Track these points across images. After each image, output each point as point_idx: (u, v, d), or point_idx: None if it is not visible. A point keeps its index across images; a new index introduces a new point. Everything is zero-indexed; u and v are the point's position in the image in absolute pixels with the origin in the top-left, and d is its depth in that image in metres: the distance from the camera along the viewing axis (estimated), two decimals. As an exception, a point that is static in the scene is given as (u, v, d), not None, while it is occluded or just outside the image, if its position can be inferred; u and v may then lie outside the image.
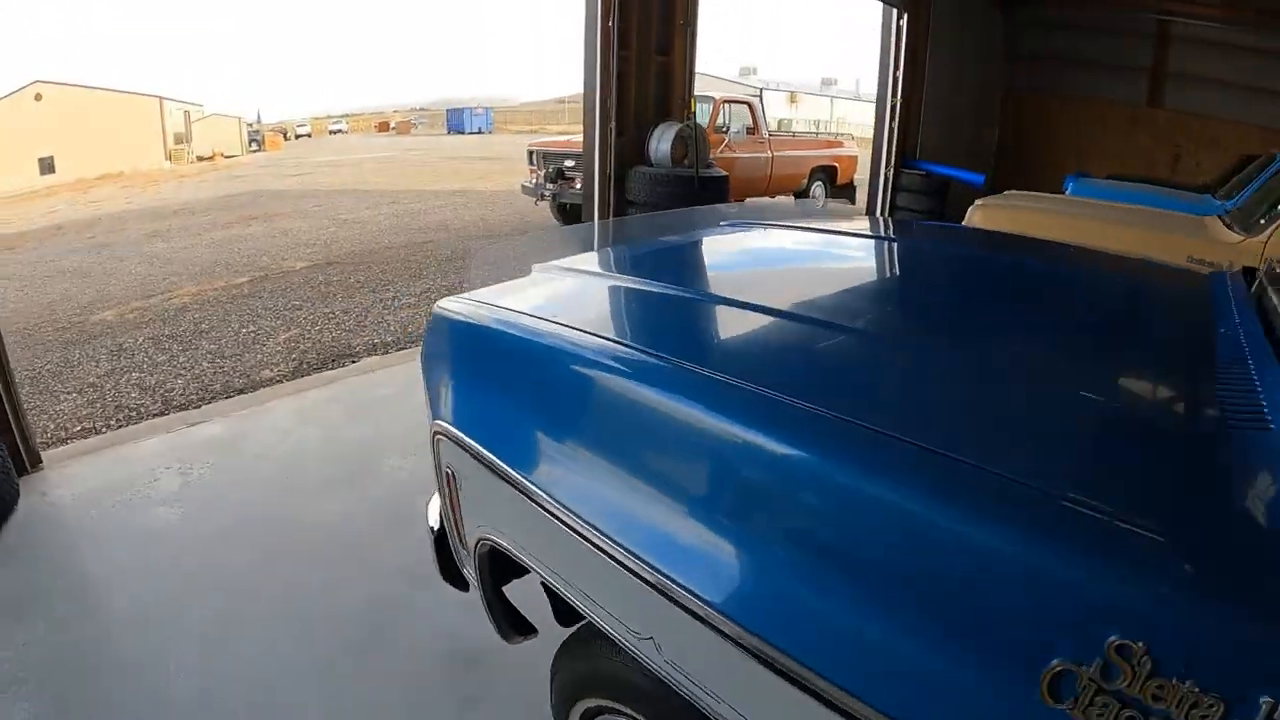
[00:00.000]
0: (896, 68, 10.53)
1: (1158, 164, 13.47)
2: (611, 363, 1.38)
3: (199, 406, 4.70)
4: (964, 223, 5.82)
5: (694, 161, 6.73)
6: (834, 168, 14.31)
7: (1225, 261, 4.81)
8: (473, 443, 1.58)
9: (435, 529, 1.94)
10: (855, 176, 14.72)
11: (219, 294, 7.78)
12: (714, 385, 1.21)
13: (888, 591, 0.94)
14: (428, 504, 2.03)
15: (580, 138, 11.01)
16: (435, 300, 1.85)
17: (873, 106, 11.33)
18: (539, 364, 1.52)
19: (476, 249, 9.02)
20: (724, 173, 7.20)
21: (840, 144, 14.95)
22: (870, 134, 12.39)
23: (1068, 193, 9.19)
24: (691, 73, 7.17)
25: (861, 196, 13.76)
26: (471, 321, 1.71)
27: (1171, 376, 1.42)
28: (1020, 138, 14.79)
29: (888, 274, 2.34)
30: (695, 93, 7.56)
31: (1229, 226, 5.52)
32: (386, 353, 5.71)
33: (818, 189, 14.04)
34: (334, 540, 3.11)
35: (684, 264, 2.44)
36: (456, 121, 48.10)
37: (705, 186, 6.61)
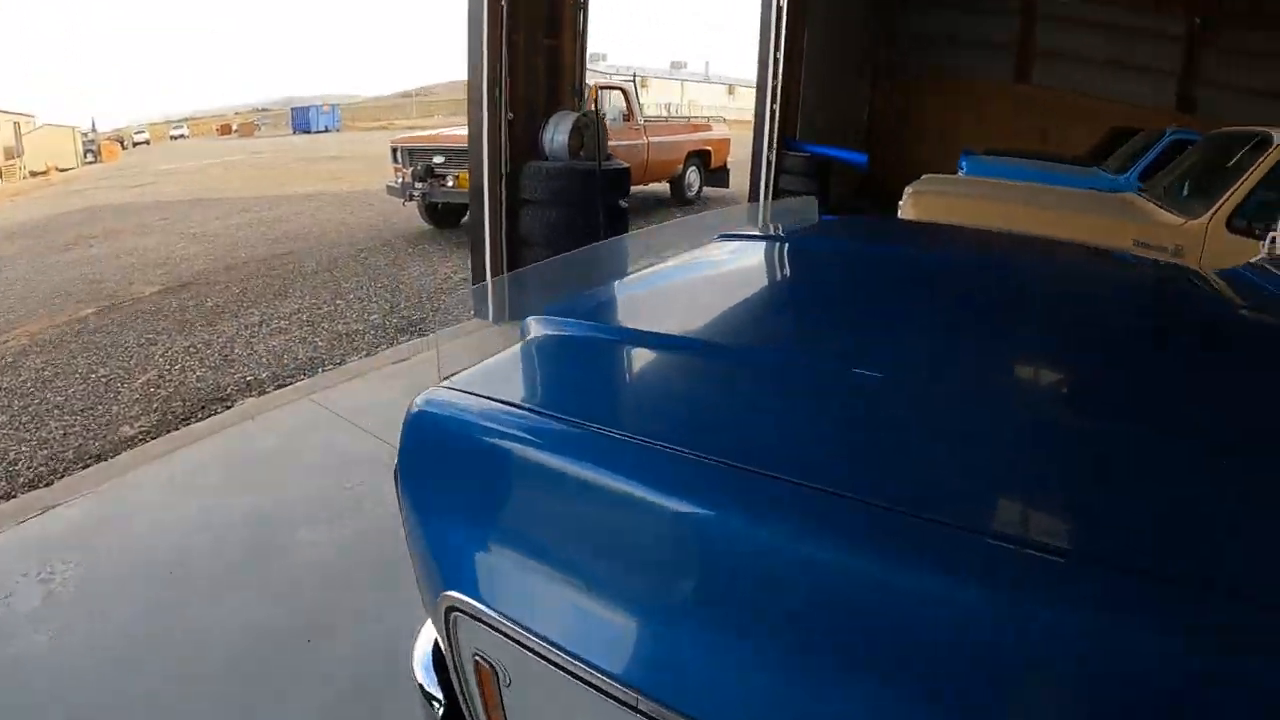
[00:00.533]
0: (777, 49, 10.28)
1: (1027, 139, 13.76)
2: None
3: (50, 483, 3.84)
4: (900, 212, 5.58)
5: (594, 153, 6.12)
6: (708, 152, 14.01)
7: (1170, 245, 5.02)
8: (531, 635, 0.99)
9: (442, 710, 1.29)
10: (728, 159, 14.49)
11: (62, 331, 6.67)
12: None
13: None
14: (413, 645, 1.39)
15: (451, 131, 10.44)
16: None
17: (722, 89, 11.24)
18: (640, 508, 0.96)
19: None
20: (625, 164, 6.61)
21: (709, 127, 14.60)
22: (723, 115, 12.37)
23: (963, 171, 9.08)
24: (584, 57, 6.55)
25: (738, 181, 13.53)
26: (499, 435, 1.14)
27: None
28: (891, 117, 14.95)
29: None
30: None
31: (1163, 208, 5.51)
32: (264, 391, 4.94)
33: (692, 175, 13.67)
34: (254, 660, 2.42)
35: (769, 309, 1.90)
36: (302, 120, 46.05)
37: (608, 181, 6.01)
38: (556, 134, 6.01)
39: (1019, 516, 0.97)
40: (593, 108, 6.81)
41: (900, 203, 5.77)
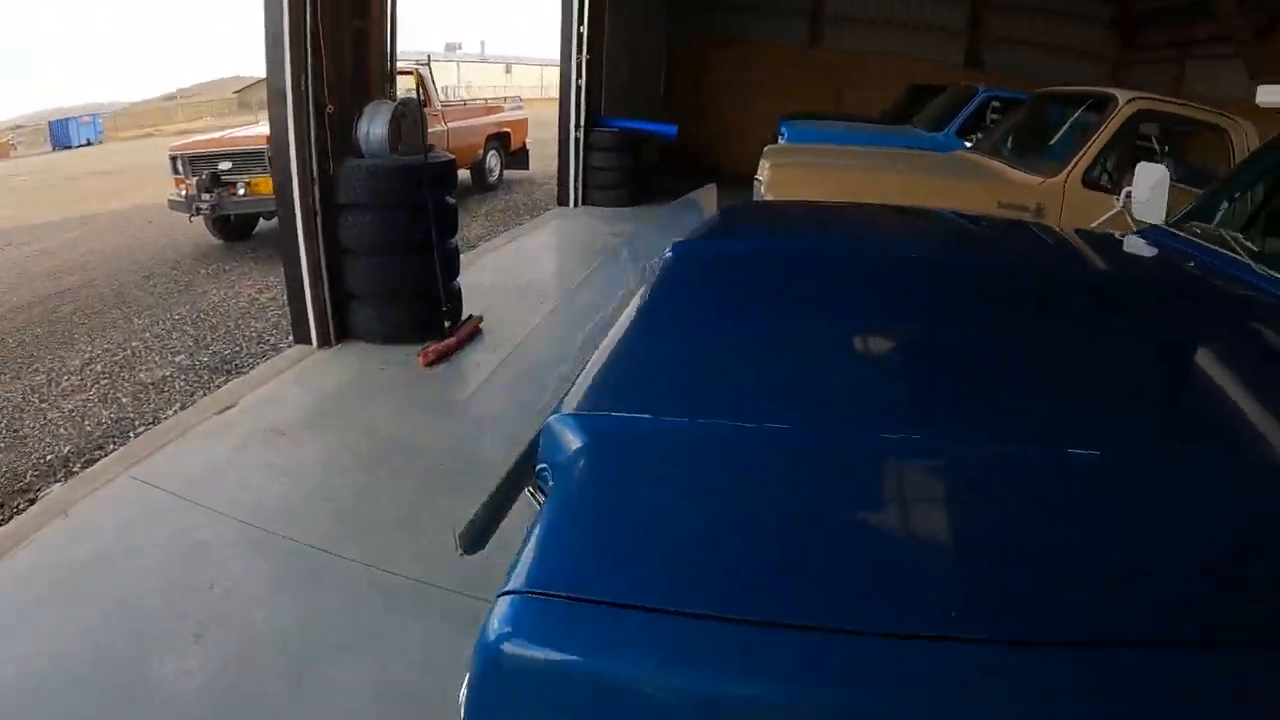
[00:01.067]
0: (580, 23, 9.94)
1: (823, 100, 13.98)
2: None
3: None
4: (764, 186, 5.25)
5: (416, 146, 5.45)
6: (507, 134, 13.42)
7: (1033, 204, 5.28)
8: None
9: None
10: (527, 140, 14.02)
11: None
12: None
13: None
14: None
15: (238, 133, 9.38)
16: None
17: (499, 68, 10.85)
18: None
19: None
20: (451, 156, 5.96)
21: (501, 108, 13.97)
22: (499, 94, 12.02)
23: (784, 137, 8.95)
24: (395, 40, 5.84)
25: (541, 164, 13.06)
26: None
27: None
28: (688, 86, 14.79)
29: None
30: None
31: (1015, 167, 5.73)
32: (71, 472, 4.04)
33: (493, 159, 13.04)
34: None
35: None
36: (62, 134, 41.59)
37: (435, 175, 5.37)
38: (373, 127, 5.30)
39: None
40: (410, 94, 6.11)
41: (758, 176, 5.45)
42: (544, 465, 1.34)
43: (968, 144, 7.50)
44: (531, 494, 1.42)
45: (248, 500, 3.44)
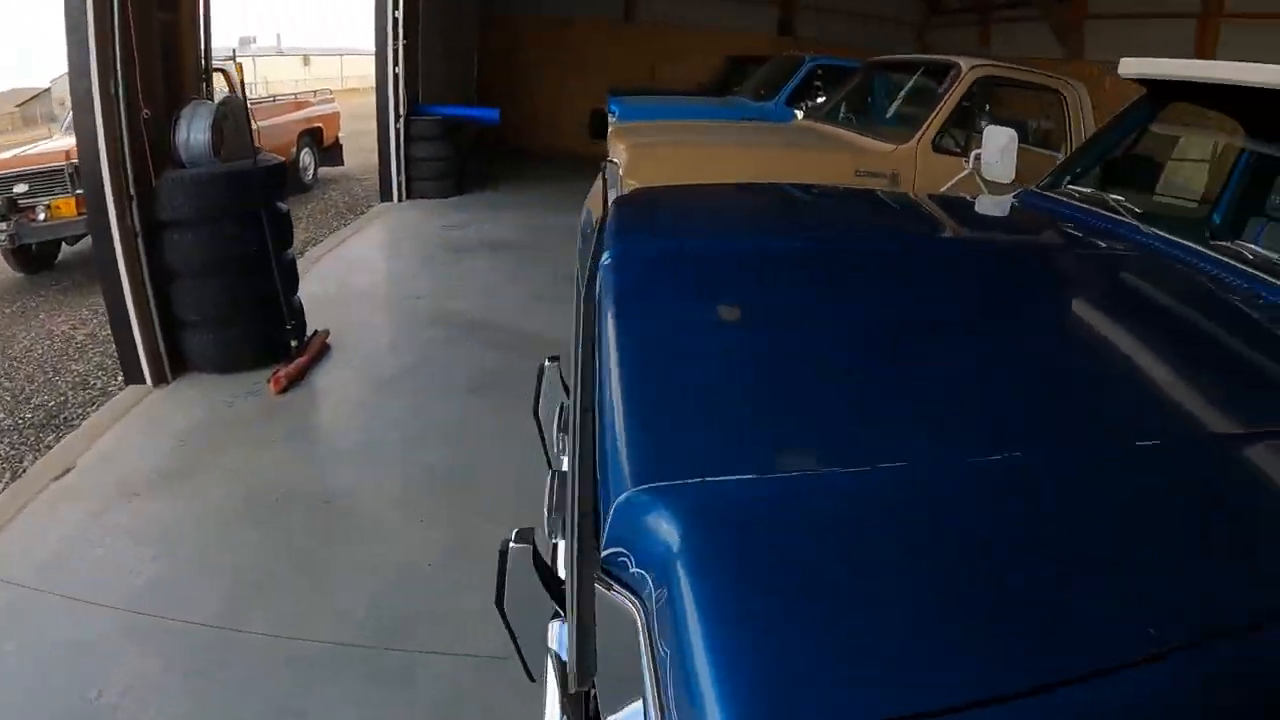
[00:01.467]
0: (395, 7, 9.43)
1: (638, 76, 13.99)
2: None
3: None
4: (624, 171, 5.01)
5: (244, 149, 4.91)
6: (319, 129, 12.53)
7: (888, 170, 5.37)
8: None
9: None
10: (340, 134, 13.17)
11: None
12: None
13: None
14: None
15: (32, 150, 8.16)
16: None
17: (297, 61, 10.31)
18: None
19: None
20: (280, 158, 5.43)
21: (310, 103, 13.10)
22: (301, 88, 11.41)
23: (615, 114, 8.77)
24: (209, 34, 5.22)
25: (355, 159, 12.37)
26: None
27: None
28: (499, 66, 14.44)
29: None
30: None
31: (865, 135, 5.89)
32: None
33: (306, 157, 12.16)
34: None
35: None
36: None
37: (267, 181, 4.86)
38: (193, 132, 4.70)
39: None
40: (230, 93, 5.51)
41: (613, 158, 5.19)
42: (620, 551, 1.07)
43: (797, 113, 7.50)
44: (605, 585, 1.06)
45: (115, 581, 2.96)
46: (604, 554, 1.07)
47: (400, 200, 9.87)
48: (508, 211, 9.55)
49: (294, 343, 4.86)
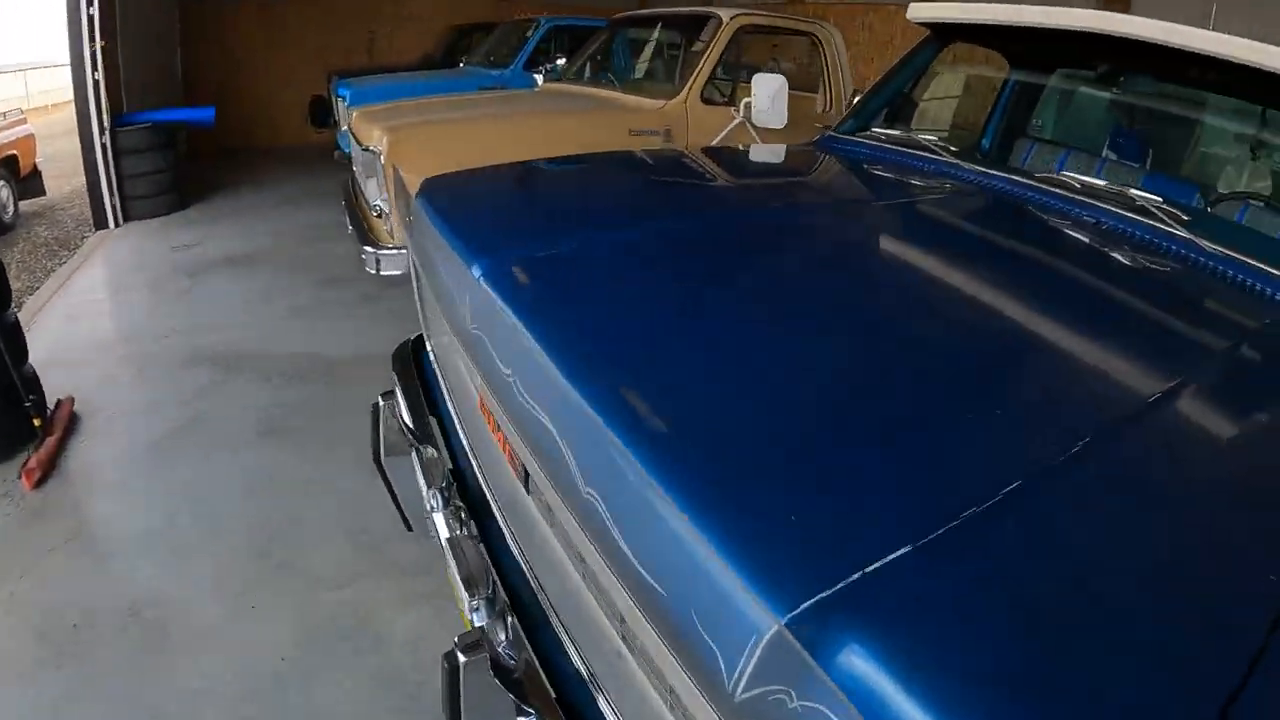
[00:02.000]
0: (90, 5, 8.31)
1: (356, 55, 13.46)
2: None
3: None
4: (387, 158, 4.73)
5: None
6: (14, 156, 10.66)
7: (661, 128, 5.41)
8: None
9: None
10: (37, 159, 11.51)
11: None
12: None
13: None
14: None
15: None
16: None
17: None
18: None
19: None
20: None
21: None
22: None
23: (346, 100, 8.33)
24: None
25: (63, 185, 11.02)
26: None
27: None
28: (205, 59, 13.37)
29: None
30: None
31: (629, 93, 5.85)
32: None
33: (4, 191, 10.41)
34: None
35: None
36: None
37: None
38: None
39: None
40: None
41: (372, 146, 4.87)
42: (774, 689, 0.86)
43: (537, 77, 7.27)
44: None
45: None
46: (740, 697, 0.87)
47: (118, 225, 8.82)
48: (242, 219, 8.77)
49: (37, 421, 4.11)
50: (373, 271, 4.87)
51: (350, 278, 6.72)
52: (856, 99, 3.97)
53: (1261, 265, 1.97)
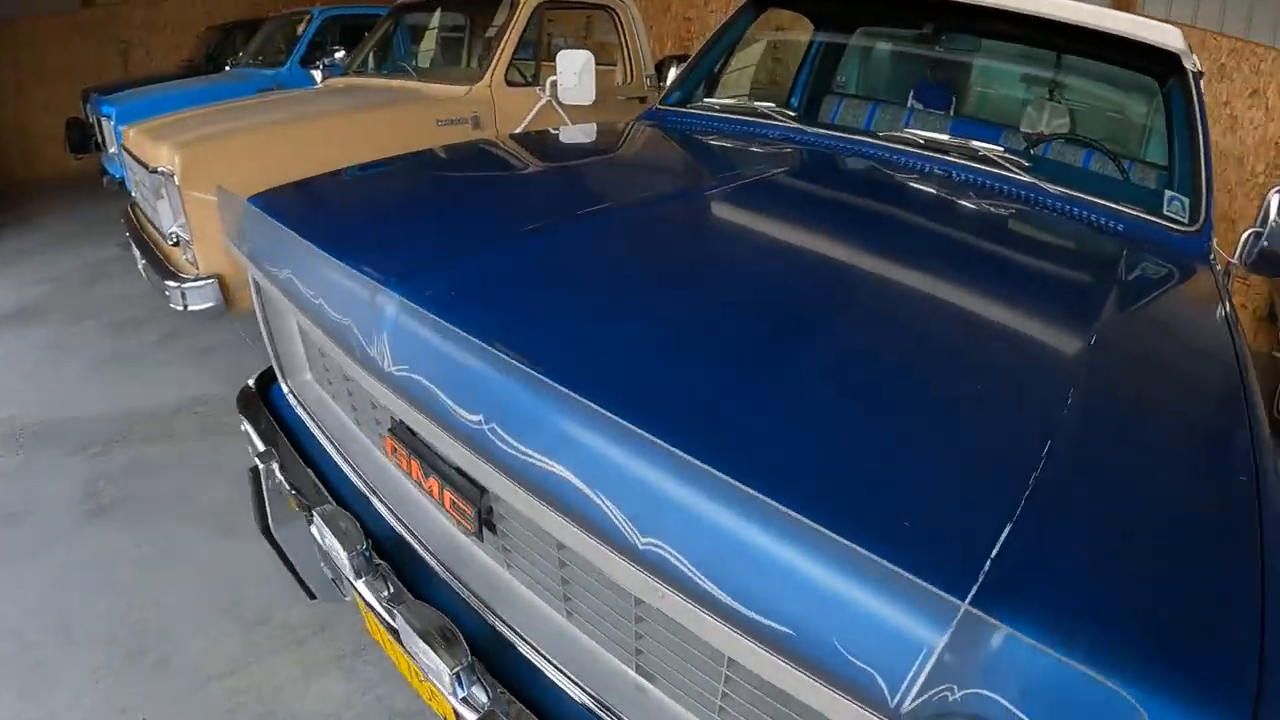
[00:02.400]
0: None
1: (110, 69, 12.60)
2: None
3: None
4: (181, 179, 4.19)
5: None
6: None
7: (469, 114, 5.23)
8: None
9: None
10: None
11: None
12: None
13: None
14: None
15: None
16: None
17: None
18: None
19: None
20: None
21: None
22: None
23: (113, 120, 7.69)
24: None
25: None
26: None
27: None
28: None
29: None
30: None
31: (429, 82, 5.60)
32: None
33: None
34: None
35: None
36: None
37: None
38: None
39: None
40: None
41: (162, 166, 4.28)
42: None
43: (315, 74, 6.81)
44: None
45: None
46: (907, 708, 0.86)
47: None
48: (11, 267, 7.82)
49: None
50: (179, 308, 4.34)
51: (146, 318, 6.10)
52: (674, 71, 4.01)
53: (1098, 200, 2.38)
